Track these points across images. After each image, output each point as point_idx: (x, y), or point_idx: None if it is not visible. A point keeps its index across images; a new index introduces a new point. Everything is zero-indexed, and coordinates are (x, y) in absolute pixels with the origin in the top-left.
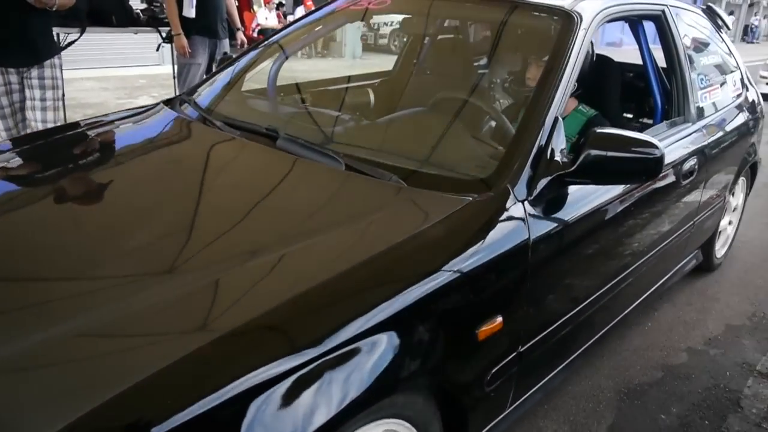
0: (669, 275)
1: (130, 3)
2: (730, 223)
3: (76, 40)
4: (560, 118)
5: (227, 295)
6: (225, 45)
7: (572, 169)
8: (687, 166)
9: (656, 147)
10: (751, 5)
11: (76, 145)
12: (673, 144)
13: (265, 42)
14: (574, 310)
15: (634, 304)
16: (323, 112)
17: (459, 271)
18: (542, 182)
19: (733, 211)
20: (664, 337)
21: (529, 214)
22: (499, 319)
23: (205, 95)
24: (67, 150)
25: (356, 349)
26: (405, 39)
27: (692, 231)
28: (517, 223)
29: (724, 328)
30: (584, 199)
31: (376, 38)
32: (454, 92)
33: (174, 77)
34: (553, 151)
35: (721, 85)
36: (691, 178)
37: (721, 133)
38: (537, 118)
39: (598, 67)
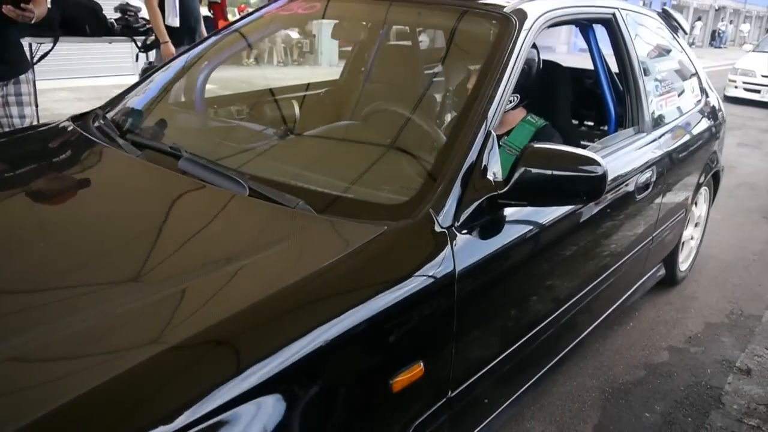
0: (629, 293)
1: (104, 12)
2: (692, 237)
3: (49, 51)
4: (493, 132)
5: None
6: None
7: (505, 189)
8: (642, 178)
9: (598, 164)
10: (717, 10)
11: None
12: (626, 156)
13: (189, 50)
14: (517, 344)
15: (589, 329)
16: (244, 126)
17: (366, 314)
18: (472, 205)
19: (696, 223)
20: (646, 336)
21: (456, 243)
22: (420, 365)
23: (121, 109)
24: None
25: (228, 420)
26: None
27: (651, 246)
28: (439, 253)
29: (703, 326)
30: (524, 221)
31: None
32: (386, 104)
33: None
34: (485, 169)
35: (680, 92)
36: (647, 192)
37: (679, 142)
38: (467, 133)
39: (546, 74)
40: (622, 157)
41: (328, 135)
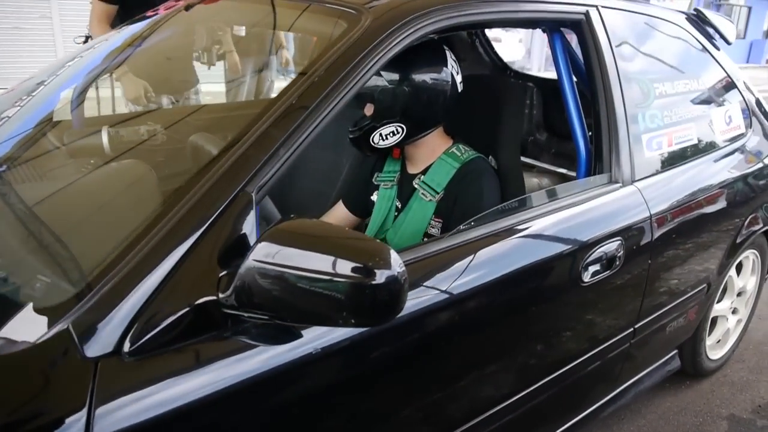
0: (604, 401)
1: None
2: (734, 311)
3: None
4: (253, 195)
5: None
6: None
7: (227, 293)
8: (603, 251)
9: (383, 264)
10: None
11: None
12: (573, 219)
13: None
14: None
15: None
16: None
17: None
18: (171, 317)
19: (738, 295)
20: (703, 399)
21: (114, 384)
22: None
23: None
24: None
25: None
26: None
27: (633, 341)
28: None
29: None
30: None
31: None
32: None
33: None
34: (218, 253)
35: (702, 123)
36: (613, 270)
37: (684, 194)
38: (196, 192)
39: (488, 92)
40: (565, 222)
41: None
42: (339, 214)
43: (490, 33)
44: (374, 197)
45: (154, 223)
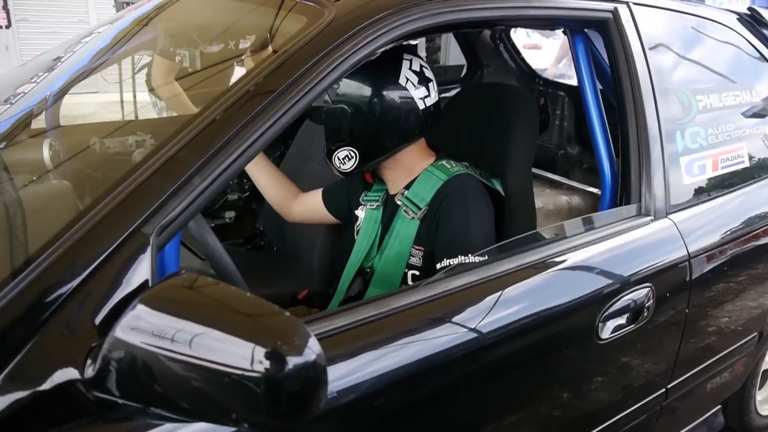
0: None
1: None
2: None
3: None
4: (151, 238)
5: None
6: None
7: (92, 375)
8: (627, 301)
9: (292, 347)
10: None
11: None
12: (588, 264)
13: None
14: None
15: None
16: None
17: None
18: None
19: None
20: None
21: None
22: None
23: None
24: None
25: None
26: None
27: (666, 402)
28: None
29: None
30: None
31: None
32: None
33: None
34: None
35: (751, 142)
36: (640, 323)
37: (731, 231)
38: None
39: (494, 104)
40: (580, 265)
41: None
42: (315, 204)
43: (528, 39)
44: (360, 212)
45: (20, 269)
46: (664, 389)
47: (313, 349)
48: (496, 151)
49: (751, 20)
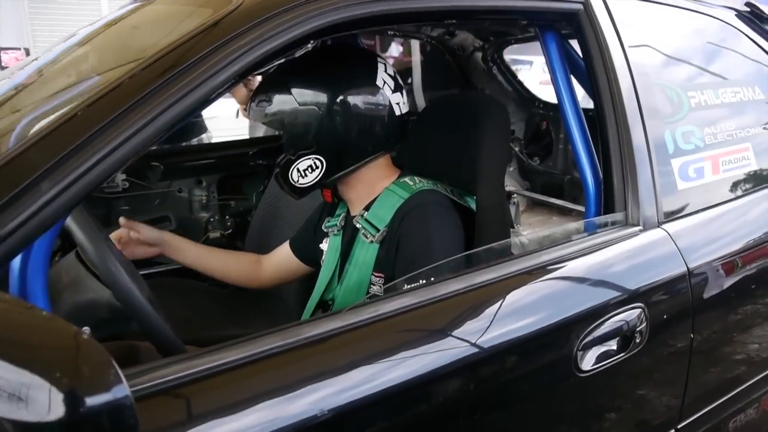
0: None
1: None
2: None
3: None
4: None
5: None
6: None
7: None
8: (613, 325)
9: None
10: None
11: None
12: (563, 282)
13: None
14: None
15: None
16: None
17: None
18: None
19: None
20: None
21: None
22: None
23: None
24: None
25: None
26: None
27: None
28: None
29: None
30: None
31: None
32: None
33: None
34: None
35: (757, 142)
36: (631, 351)
37: (742, 241)
38: None
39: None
40: (553, 283)
41: None
42: (284, 257)
43: (543, 75)
44: (323, 245)
45: None
46: (673, 430)
47: (119, 389)
48: (467, 166)
49: (750, 16)
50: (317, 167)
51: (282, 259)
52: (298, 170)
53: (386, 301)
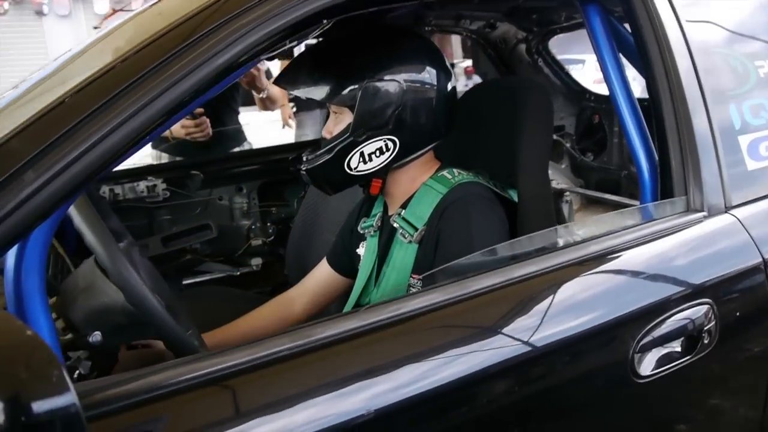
0: None
1: None
2: None
3: None
4: None
5: None
6: None
7: None
8: (676, 323)
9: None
10: None
11: None
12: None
13: None
14: None
15: None
16: None
17: None
18: None
19: None
20: None
21: None
22: None
23: None
24: None
25: None
26: None
27: None
28: None
29: None
30: None
31: None
32: None
33: None
34: None
35: None
36: (699, 354)
37: None
38: None
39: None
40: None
41: None
42: (321, 275)
43: (598, 74)
44: (360, 249)
45: None
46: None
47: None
48: (507, 155)
49: None
50: (388, 149)
51: (317, 281)
52: (362, 154)
53: (424, 294)
